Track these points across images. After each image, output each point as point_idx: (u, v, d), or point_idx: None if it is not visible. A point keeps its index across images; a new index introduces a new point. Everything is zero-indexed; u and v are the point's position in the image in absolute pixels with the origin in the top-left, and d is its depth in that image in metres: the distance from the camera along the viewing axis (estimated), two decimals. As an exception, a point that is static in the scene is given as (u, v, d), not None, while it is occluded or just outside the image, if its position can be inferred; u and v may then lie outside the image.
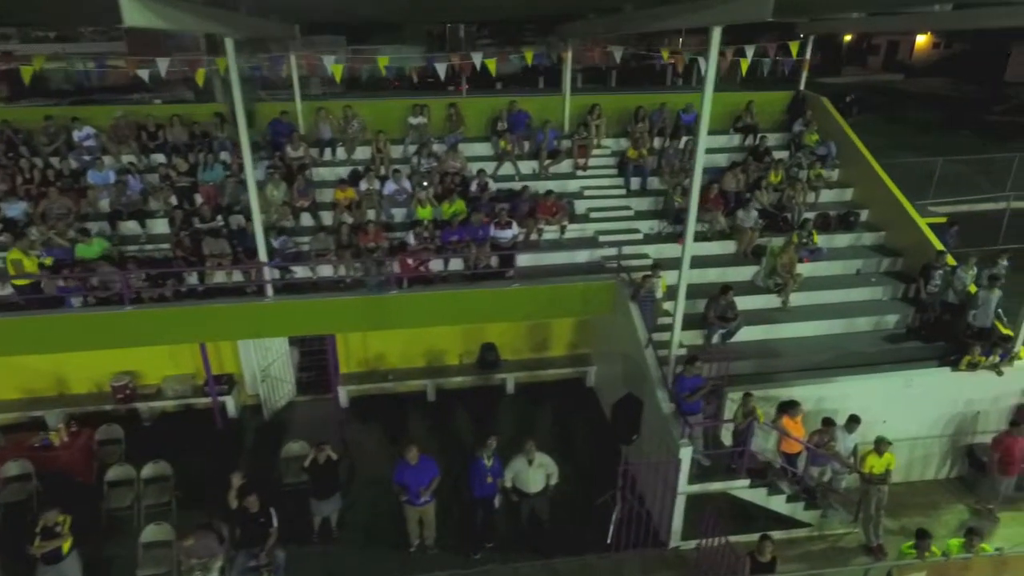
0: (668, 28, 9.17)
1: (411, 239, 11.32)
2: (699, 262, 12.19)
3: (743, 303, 11.63)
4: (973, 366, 9.88)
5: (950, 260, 11.47)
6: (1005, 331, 10.53)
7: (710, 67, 7.74)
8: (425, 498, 8.55)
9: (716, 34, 7.58)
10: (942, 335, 10.92)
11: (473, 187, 12.44)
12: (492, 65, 13.67)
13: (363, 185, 12.31)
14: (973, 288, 10.98)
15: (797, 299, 11.81)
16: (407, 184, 12.40)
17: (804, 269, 12.23)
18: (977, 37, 43.61)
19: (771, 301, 11.77)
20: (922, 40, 52.09)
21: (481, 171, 12.68)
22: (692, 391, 8.67)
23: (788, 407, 8.84)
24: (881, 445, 8.85)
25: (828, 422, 9.04)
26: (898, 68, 54.31)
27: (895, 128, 33.71)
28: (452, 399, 12.58)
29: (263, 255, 10.23)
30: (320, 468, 8.84)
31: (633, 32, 11.14)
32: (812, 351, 10.97)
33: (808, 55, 14.92)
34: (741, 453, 8.78)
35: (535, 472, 8.75)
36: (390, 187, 12.28)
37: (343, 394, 12.25)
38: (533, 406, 12.46)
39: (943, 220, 14.62)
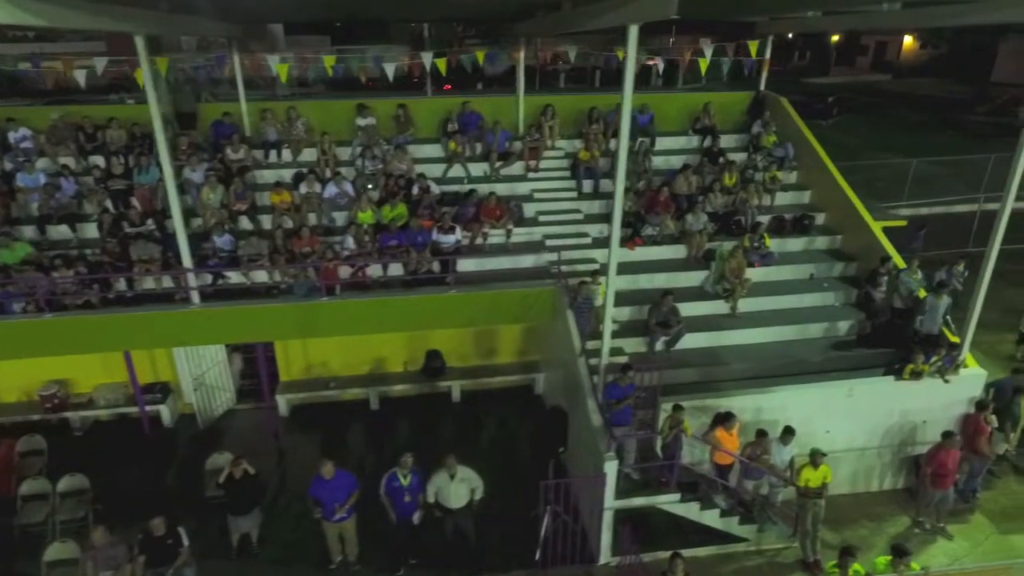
0: (589, 28, 8.85)
1: (349, 243, 11.04)
2: (648, 267, 12.05)
3: (691, 309, 11.40)
4: (916, 374, 9.59)
5: (899, 263, 11.20)
6: (953, 339, 10.25)
7: (628, 67, 7.44)
8: (341, 514, 8.25)
9: (633, 32, 7.28)
10: (892, 342, 10.66)
11: (415, 190, 12.13)
12: (442, 65, 13.39)
13: (303, 188, 12.00)
14: (922, 292, 10.71)
15: (747, 305, 11.52)
16: (348, 187, 12.09)
17: (755, 274, 11.95)
18: (964, 37, 43.38)
19: (720, 307, 11.49)
20: (910, 41, 51.92)
21: (421, 175, 12.37)
22: (619, 400, 8.36)
23: (723, 419, 8.55)
24: (817, 458, 8.56)
25: (761, 434, 8.76)
26: (886, 68, 54.21)
27: (876, 129, 33.50)
28: (396, 407, 12.27)
29: (187, 260, 9.90)
30: (237, 483, 8.53)
31: (563, 32, 10.84)
32: (759, 359, 10.70)
33: (768, 55, 14.61)
34: (671, 466, 8.48)
35: (457, 487, 8.45)
36: (330, 190, 11.97)
37: (283, 403, 11.94)
38: (479, 415, 12.16)
39: (903, 223, 14.31)
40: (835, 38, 53.94)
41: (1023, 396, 10.21)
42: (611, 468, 8.20)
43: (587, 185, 13.29)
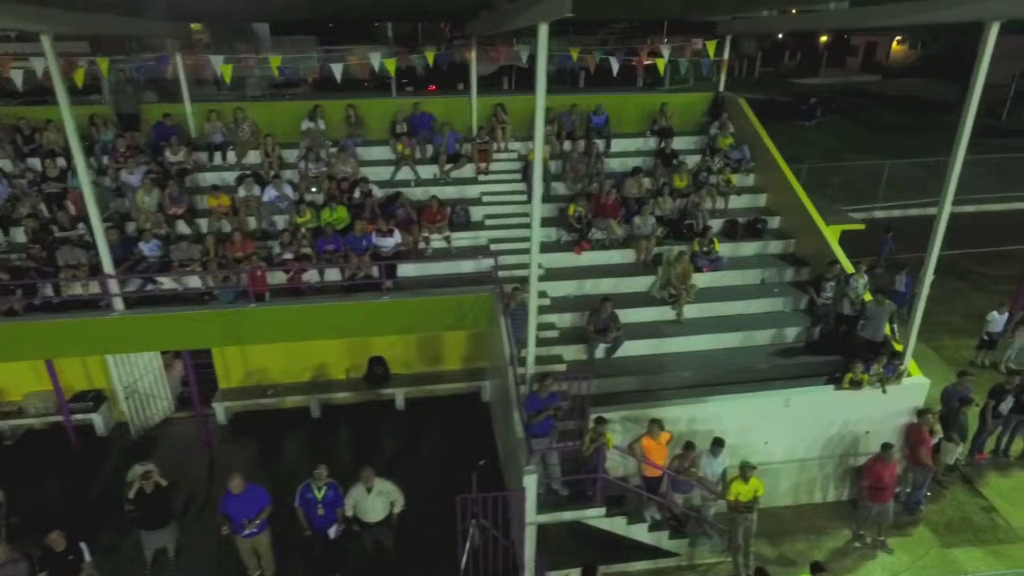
0: (511, 28, 8.60)
1: (279, 248, 10.78)
2: (595, 272, 11.80)
3: (636, 315, 11.15)
4: (856, 383, 9.32)
5: (848, 268, 10.94)
6: (898, 347, 9.99)
7: (540, 66, 7.18)
8: (251, 530, 7.98)
9: (543, 31, 7.02)
10: (839, 349, 10.39)
11: (356, 194, 11.87)
12: (391, 66, 13.16)
13: (241, 191, 11.74)
14: (868, 297, 10.44)
15: (694, 311, 11.26)
16: (288, 190, 11.83)
17: (704, 279, 11.71)
18: (951, 38, 43.15)
19: (666, 313, 11.22)
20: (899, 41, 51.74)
21: (363, 179, 12.11)
22: (538, 411, 8.10)
23: (648, 428, 8.28)
24: (746, 470, 8.30)
25: (688, 446, 8.48)
26: (876, 69, 54.00)
27: (859, 130, 33.26)
28: (338, 415, 12.01)
29: (108, 266, 9.63)
30: (148, 497, 8.27)
31: (496, 31, 10.60)
32: (702, 367, 10.44)
33: (726, 55, 14.35)
34: (595, 480, 8.21)
35: (375, 500, 8.20)
36: (270, 193, 11.71)
37: (221, 411, 11.68)
38: (423, 423, 11.89)
39: (861, 227, 14.06)
40: (824, 39, 53.72)
41: (969, 406, 9.96)
42: (530, 482, 7.93)
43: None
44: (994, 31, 7.67)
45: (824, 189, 23.34)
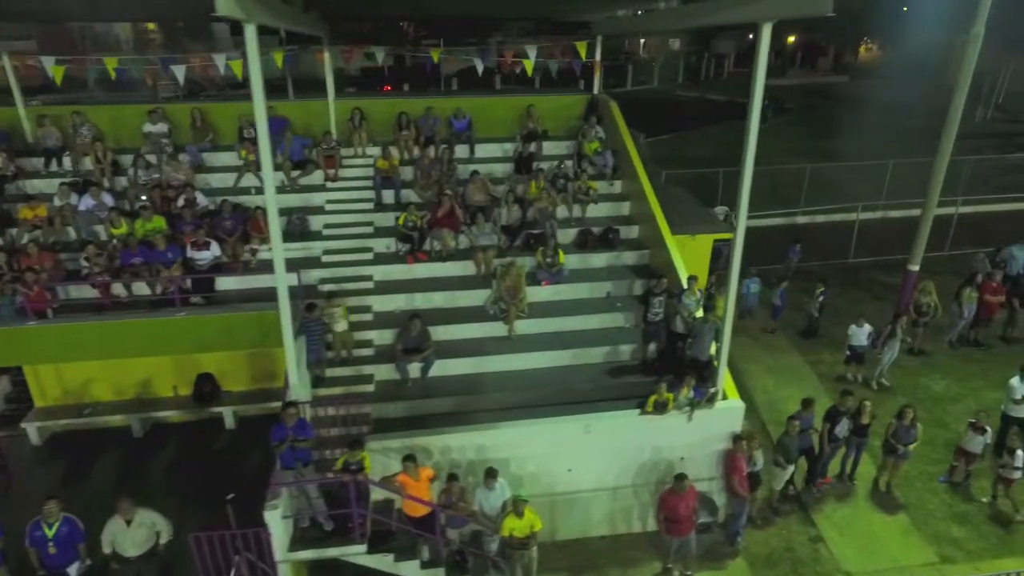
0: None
1: (84, 262, 10.21)
2: (429, 285, 11.23)
3: (464, 331, 10.63)
4: (661, 405, 8.72)
5: (701, 283, 10.37)
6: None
7: (253, 67, 6.61)
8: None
9: (250, 32, 6.45)
10: (671, 369, 9.80)
11: (180, 202, 11.28)
12: (237, 68, 12.53)
13: (56, 201, 11.16)
14: (699, 314, 9.87)
15: (530, 326, 10.71)
16: (107, 199, 11.24)
17: (546, 292, 11.16)
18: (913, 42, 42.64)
19: (498, 329, 10.65)
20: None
21: (188, 186, 11.52)
22: (280, 442, 7.51)
23: (404, 462, 7.68)
24: (519, 505, 7.69)
25: (452, 478, 7.88)
26: (845, 71, 53.58)
27: (807, 132, 32.67)
28: (163, 435, 11.39)
29: None
30: None
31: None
32: (524, 387, 9.88)
33: (598, 56, 13.76)
34: (352, 514, 7.61)
35: (135, 533, 7.61)
36: (86, 203, 11.12)
37: (33, 431, 11.07)
38: (251, 442, 11.26)
39: (729, 236, 13.43)
40: (791, 39, 53.21)
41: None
42: (272, 518, 7.34)
43: (387, 195, 12.43)
44: (767, 31, 7.13)
45: (753, 193, 22.82)
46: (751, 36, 60.54)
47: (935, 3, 35.27)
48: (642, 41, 58.10)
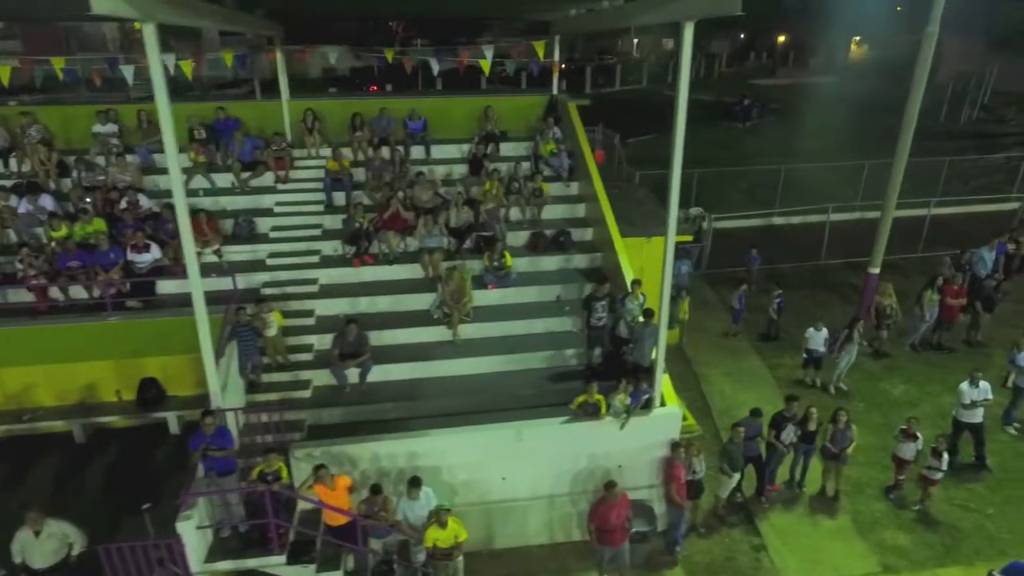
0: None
1: (20, 265, 10.04)
2: (374, 288, 11.06)
3: (407, 335, 10.48)
4: (592, 408, 8.54)
5: (626, 288, 10.18)
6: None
7: (153, 69, 6.43)
8: None
9: (148, 32, 6.27)
10: (615, 374, 9.62)
11: (123, 204, 11.11)
12: (187, 68, 12.38)
13: (-6, 203, 11.00)
14: (640, 319, 9.69)
15: (475, 331, 10.57)
16: (47, 202, 11.08)
17: (494, 296, 11.00)
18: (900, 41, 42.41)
19: (443, 334, 10.49)
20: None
21: (131, 187, 11.35)
22: (195, 451, 7.34)
23: (317, 475, 7.47)
24: (442, 515, 7.52)
25: (376, 490, 7.71)
26: (835, 69, 53.35)
27: (790, 132, 32.43)
28: (105, 441, 11.21)
29: None
30: None
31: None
32: (467, 392, 9.73)
33: (556, 56, 13.58)
34: (269, 524, 7.44)
35: (44, 544, 7.45)
36: (25, 206, 10.95)
37: (-30, 437, 10.90)
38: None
39: (689, 238, 13.31)
40: (781, 39, 53.05)
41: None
42: (186, 528, 7.17)
43: (338, 197, 12.26)
44: (690, 31, 6.97)
45: (732, 194, 22.69)
46: (742, 36, 60.58)
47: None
48: (635, 41, 58.09)
